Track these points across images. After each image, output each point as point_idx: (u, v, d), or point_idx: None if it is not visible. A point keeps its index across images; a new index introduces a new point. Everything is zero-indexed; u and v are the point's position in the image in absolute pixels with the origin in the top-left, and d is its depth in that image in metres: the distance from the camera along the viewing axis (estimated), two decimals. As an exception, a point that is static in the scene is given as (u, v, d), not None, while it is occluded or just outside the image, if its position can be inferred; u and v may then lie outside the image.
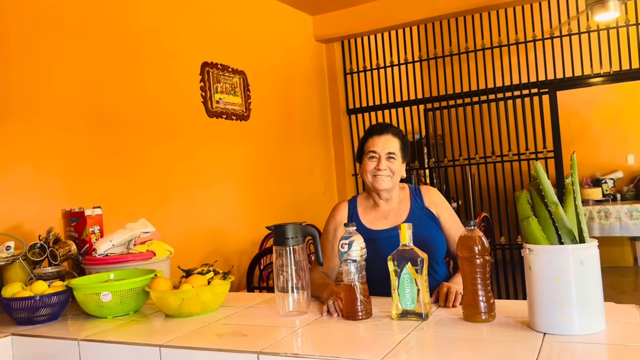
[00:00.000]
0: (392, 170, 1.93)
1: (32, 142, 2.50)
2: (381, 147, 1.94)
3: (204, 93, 3.54)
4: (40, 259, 1.97)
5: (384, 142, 1.95)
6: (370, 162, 1.94)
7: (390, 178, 1.93)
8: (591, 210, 5.68)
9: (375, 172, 1.93)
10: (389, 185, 1.93)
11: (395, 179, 1.95)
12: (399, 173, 1.96)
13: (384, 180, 1.92)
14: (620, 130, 6.43)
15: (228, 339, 1.38)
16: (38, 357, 1.59)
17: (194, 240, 3.34)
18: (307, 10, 4.70)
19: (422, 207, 1.98)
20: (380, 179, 1.92)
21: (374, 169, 1.93)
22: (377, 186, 1.93)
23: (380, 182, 1.92)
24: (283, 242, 1.56)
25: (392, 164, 1.93)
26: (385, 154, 1.93)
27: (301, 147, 4.57)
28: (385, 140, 1.95)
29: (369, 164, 1.95)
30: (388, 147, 1.94)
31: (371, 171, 1.93)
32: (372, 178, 1.94)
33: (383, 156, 1.93)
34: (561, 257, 1.19)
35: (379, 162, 1.92)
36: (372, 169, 1.93)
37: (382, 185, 1.92)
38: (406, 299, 1.41)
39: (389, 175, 1.92)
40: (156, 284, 1.68)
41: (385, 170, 1.92)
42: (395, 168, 1.94)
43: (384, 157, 1.93)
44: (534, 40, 4.45)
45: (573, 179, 1.24)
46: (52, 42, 2.63)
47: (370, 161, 1.95)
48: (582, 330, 1.17)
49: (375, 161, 1.93)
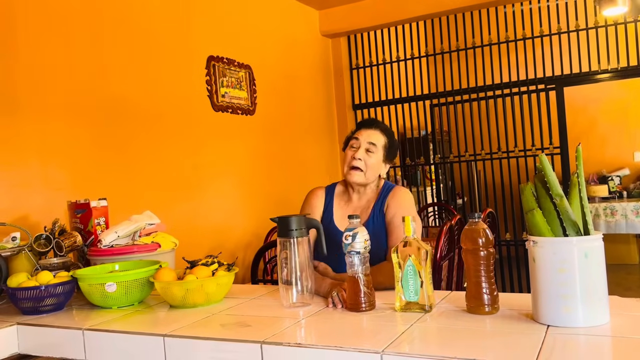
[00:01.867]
0: (367, 164, 1.89)
1: (38, 135, 2.51)
2: (364, 137, 1.92)
3: (209, 87, 3.54)
4: (45, 249, 1.99)
5: (368, 134, 1.92)
6: (349, 152, 1.92)
7: (363, 174, 1.89)
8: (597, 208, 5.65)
9: (351, 162, 1.90)
10: (360, 180, 1.91)
11: (369, 175, 1.91)
12: (376, 170, 1.92)
13: (356, 175, 1.89)
14: (627, 127, 6.39)
15: (232, 329, 1.38)
16: (43, 346, 1.60)
17: (199, 233, 3.35)
18: (313, 5, 4.70)
19: (380, 209, 1.93)
20: (352, 172, 1.90)
21: (350, 159, 1.90)
22: (349, 178, 1.91)
23: (352, 176, 1.90)
24: (287, 233, 1.57)
25: (370, 157, 1.90)
26: (366, 144, 1.90)
27: (307, 141, 4.57)
28: (370, 133, 1.93)
29: (348, 153, 1.93)
30: (371, 138, 1.91)
31: (348, 162, 1.91)
32: (347, 169, 1.92)
33: (363, 146, 1.90)
34: (565, 249, 1.19)
35: (356, 151, 1.89)
36: (349, 159, 1.91)
37: (354, 179, 1.90)
38: (409, 291, 1.41)
39: (363, 169, 1.89)
40: (161, 275, 1.68)
41: (359, 161, 1.88)
42: (372, 162, 1.90)
43: (363, 146, 1.90)
44: (541, 36, 4.43)
45: (578, 171, 1.23)
46: (58, 36, 2.63)
47: (349, 150, 1.93)
48: (585, 323, 1.17)
49: (354, 150, 1.91)
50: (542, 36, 4.42)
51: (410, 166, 5.08)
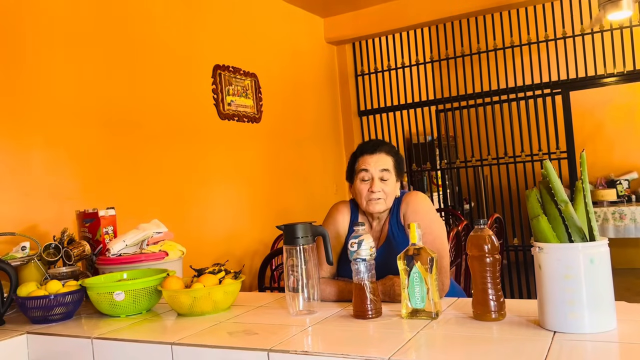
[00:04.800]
0: (386, 192, 1.83)
1: (46, 144, 2.54)
2: (374, 165, 1.84)
3: (215, 95, 3.57)
4: (54, 259, 2.00)
5: (376, 161, 1.84)
6: (363, 185, 1.84)
7: (384, 201, 1.84)
8: (606, 212, 5.62)
9: (369, 195, 1.83)
10: (383, 209, 1.85)
11: (389, 201, 1.86)
12: (393, 194, 1.86)
13: (378, 204, 1.83)
14: (635, 130, 6.35)
15: (239, 337, 1.39)
16: (52, 354, 1.61)
17: (206, 241, 3.36)
18: (318, 13, 4.72)
19: (397, 222, 1.88)
20: (373, 203, 1.83)
21: (368, 193, 1.83)
22: (370, 210, 1.85)
23: (374, 206, 1.83)
24: (293, 241, 1.57)
25: (386, 186, 1.83)
26: (379, 173, 1.83)
27: (312, 148, 4.58)
28: (377, 159, 1.85)
29: (362, 187, 1.84)
30: (381, 164, 1.84)
31: (365, 196, 1.83)
32: (367, 203, 1.84)
33: (376, 176, 1.83)
34: (571, 255, 1.19)
35: (372, 184, 1.82)
36: (366, 193, 1.83)
37: (376, 209, 1.84)
38: (416, 298, 1.41)
39: (383, 198, 1.83)
40: (168, 283, 1.69)
41: (379, 192, 1.82)
42: (389, 190, 1.84)
43: (377, 177, 1.83)
44: (547, 41, 4.42)
45: (583, 177, 1.24)
46: (66, 46, 2.66)
47: (362, 184, 1.84)
48: (592, 329, 1.17)
49: (368, 183, 1.83)
50: (547, 41, 4.42)
51: (417, 172, 5.08)
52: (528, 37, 4.47)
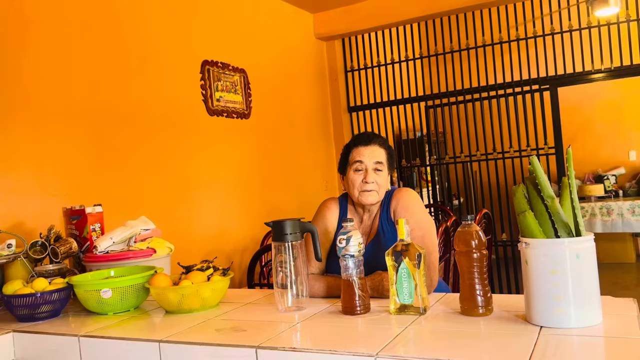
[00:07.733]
0: (379, 184, 1.85)
1: (32, 141, 2.51)
2: (368, 157, 1.85)
3: (204, 91, 3.55)
4: (41, 256, 1.98)
5: (370, 152, 1.86)
6: (357, 175, 1.85)
7: (376, 193, 1.85)
8: (593, 207, 5.67)
9: (362, 186, 1.84)
10: (375, 200, 1.86)
11: (381, 193, 1.87)
12: (385, 186, 1.88)
13: (371, 195, 1.84)
14: (622, 126, 6.42)
15: (227, 334, 1.39)
16: (39, 353, 1.60)
17: (195, 237, 3.35)
18: (307, 8, 4.71)
19: (387, 218, 1.88)
20: (366, 194, 1.84)
21: (361, 183, 1.84)
22: (363, 201, 1.85)
23: (367, 197, 1.84)
24: (282, 237, 1.57)
25: (379, 177, 1.85)
26: (373, 165, 1.85)
27: (302, 144, 4.57)
28: (371, 151, 1.87)
29: (355, 177, 1.85)
30: (375, 157, 1.86)
31: (358, 186, 1.85)
32: (359, 194, 1.85)
33: (370, 168, 1.84)
34: (557, 250, 1.19)
35: (366, 175, 1.84)
36: (360, 184, 1.84)
37: (369, 200, 1.85)
38: (404, 294, 1.42)
39: (376, 190, 1.84)
40: (156, 281, 1.69)
41: (372, 184, 1.83)
42: (382, 182, 1.86)
43: (371, 168, 1.84)
44: (535, 37, 4.44)
45: (569, 173, 1.24)
46: (52, 42, 2.63)
47: (356, 174, 1.86)
48: (578, 324, 1.18)
49: (362, 174, 1.85)
50: (535, 37, 4.44)
51: (406, 168, 5.09)
52: (516, 33, 4.48)
